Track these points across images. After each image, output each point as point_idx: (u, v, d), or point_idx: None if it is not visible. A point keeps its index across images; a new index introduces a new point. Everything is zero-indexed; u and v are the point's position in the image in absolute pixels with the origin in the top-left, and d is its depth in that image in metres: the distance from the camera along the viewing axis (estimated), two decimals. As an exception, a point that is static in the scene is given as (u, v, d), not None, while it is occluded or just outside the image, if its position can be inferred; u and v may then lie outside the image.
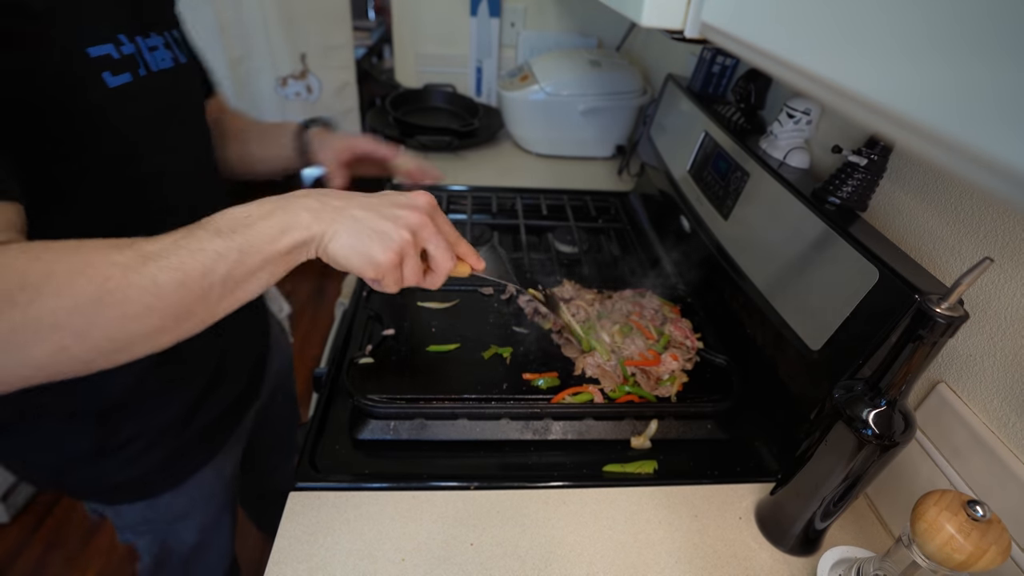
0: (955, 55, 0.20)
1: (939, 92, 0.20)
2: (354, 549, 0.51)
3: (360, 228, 0.42)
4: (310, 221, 0.41)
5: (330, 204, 0.42)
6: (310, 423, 0.64)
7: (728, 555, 0.54)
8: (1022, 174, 0.17)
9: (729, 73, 0.97)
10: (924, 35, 0.21)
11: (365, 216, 0.42)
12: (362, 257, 0.42)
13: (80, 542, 1.41)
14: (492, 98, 1.60)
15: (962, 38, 0.20)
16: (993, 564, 0.36)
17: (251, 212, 0.40)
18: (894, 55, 0.23)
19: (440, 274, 0.47)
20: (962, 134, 0.19)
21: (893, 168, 0.62)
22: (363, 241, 0.42)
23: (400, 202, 0.44)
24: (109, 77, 0.45)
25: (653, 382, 0.69)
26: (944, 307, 0.39)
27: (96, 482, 0.61)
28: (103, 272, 0.34)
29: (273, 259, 0.40)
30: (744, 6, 0.36)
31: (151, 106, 0.51)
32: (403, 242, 0.43)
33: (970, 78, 0.19)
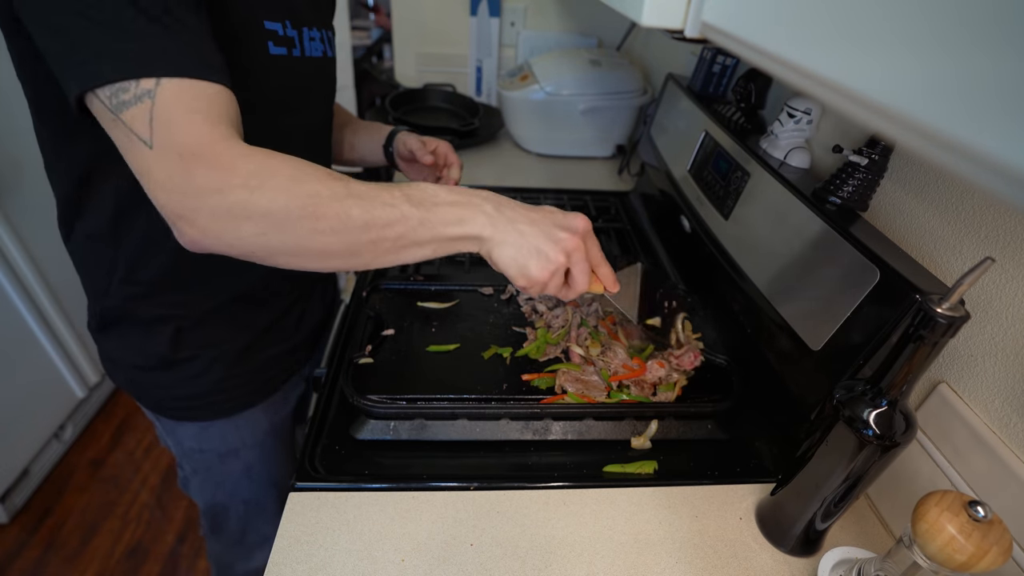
0: (954, 50, 0.20)
1: (939, 88, 0.20)
2: (354, 549, 0.51)
3: (524, 244, 0.48)
4: (484, 223, 0.47)
5: (504, 214, 0.48)
6: (310, 423, 0.64)
7: (728, 555, 0.54)
8: (1019, 171, 0.17)
9: (729, 73, 0.97)
10: (923, 30, 0.21)
11: (531, 232, 0.48)
12: (520, 270, 0.48)
13: (79, 542, 1.41)
14: (492, 98, 1.60)
15: (960, 32, 0.19)
16: (995, 565, 0.36)
17: (440, 193, 0.47)
18: (893, 52, 0.23)
19: (575, 291, 0.52)
20: (961, 132, 0.19)
21: (894, 168, 0.62)
22: (524, 256, 0.47)
23: (561, 223, 0.50)
24: (272, 46, 0.54)
25: (649, 389, 0.68)
26: (945, 307, 0.39)
27: (162, 391, 0.68)
28: (315, 188, 0.42)
29: (441, 240, 0.46)
30: (744, 5, 0.36)
31: (299, 79, 0.60)
32: (558, 264, 0.48)
33: (969, 73, 0.19)
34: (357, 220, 0.43)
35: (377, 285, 0.84)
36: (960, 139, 0.19)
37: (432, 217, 0.45)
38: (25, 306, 1.40)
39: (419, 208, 0.45)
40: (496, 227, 0.47)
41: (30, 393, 1.43)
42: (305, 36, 0.60)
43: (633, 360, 0.71)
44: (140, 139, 0.41)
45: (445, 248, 0.47)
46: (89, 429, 1.69)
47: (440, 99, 1.49)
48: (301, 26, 0.59)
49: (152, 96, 0.40)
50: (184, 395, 0.69)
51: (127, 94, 0.40)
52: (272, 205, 0.41)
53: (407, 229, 0.45)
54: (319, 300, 0.82)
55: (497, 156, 1.39)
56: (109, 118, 0.41)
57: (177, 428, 0.73)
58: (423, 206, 0.45)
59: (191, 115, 0.41)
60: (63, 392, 1.57)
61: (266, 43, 0.54)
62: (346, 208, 0.43)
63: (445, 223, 0.46)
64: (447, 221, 0.46)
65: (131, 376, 0.68)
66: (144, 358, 0.66)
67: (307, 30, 0.60)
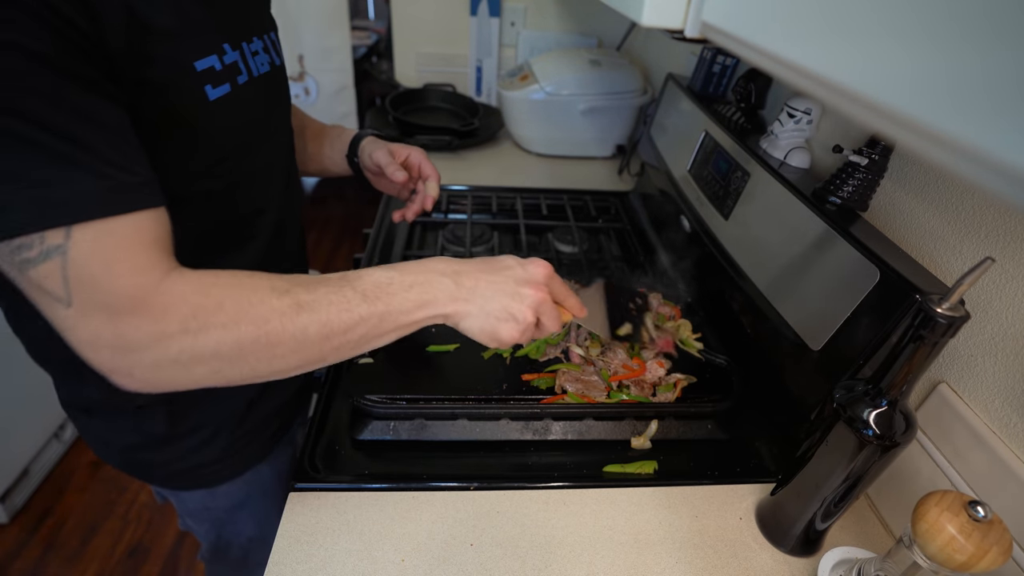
0: (947, 45, 0.20)
1: (937, 86, 0.20)
2: (354, 549, 0.51)
3: (489, 311, 0.47)
4: (446, 301, 0.46)
5: (464, 284, 0.47)
6: (310, 423, 0.64)
7: (728, 555, 0.54)
8: (1011, 166, 0.17)
9: (729, 73, 0.97)
10: (917, 27, 0.21)
11: (494, 298, 0.47)
12: (491, 337, 0.47)
13: (80, 542, 1.41)
14: (492, 98, 1.60)
15: (952, 28, 0.20)
16: (994, 565, 0.36)
17: (393, 279, 0.45)
18: (890, 49, 0.23)
19: (545, 333, 0.51)
20: (961, 130, 0.19)
21: (894, 168, 0.62)
22: (492, 323, 0.47)
23: (523, 279, 0.48)
24: (210, 90, 0.46)
25: (649, 389, 0.68)
26: (945, 307, 0.39)
27: (162, 467, 0.64)
28: (264, 315, 0.39)
29: (405, 326, 0.45)
30: (744, 5, 0.36)
31: (248, 113, 0.53)
32: (527, 323, 0.47)
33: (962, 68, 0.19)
34: (315, 335, 0.41)
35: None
36: (959, 137, 0.19)
37: (392, 308, 0.44)
38: (25, 306, 1.40)
39: (376, 303, 0.43)
40: (457, 301, 0.46)
41: (30, 393, 1.43)
42: (248, 53, 0.52)
43: (633, 360, 0.71)
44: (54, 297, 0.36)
45: (410, 330, 0.46)
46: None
47: (440, 99, 1.49)
48: (240, 42, 0.51)
49: (63, 251, 0.35)
50: (188, 467, 0.64)
51: (31, 251, 0.34)
52: (220, 345, 0.38)
53: (368, 328, 0.43)
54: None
55: (497, 156, 1.39)
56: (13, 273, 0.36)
57: (181, 494, 0.69)
58: (380, 300, 0.43)
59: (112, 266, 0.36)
60: (63, 392, 1.57)
61: (203, 89, 0.46)
62: (300, 326, 0.40)
63: (406, 311, 0.44)
64: (408, 308, 0.44)
65: (127, 457, 0.63)
66: (140, 436, 0.60)
67: (248, 45, 0.52)
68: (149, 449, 0.61)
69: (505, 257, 0.51)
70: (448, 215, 1.10)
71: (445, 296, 0.46)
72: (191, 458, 0.63)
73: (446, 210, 1.12)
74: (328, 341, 0.42)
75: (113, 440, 0.62)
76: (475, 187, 1.18)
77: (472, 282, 0.47)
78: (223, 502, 0.71)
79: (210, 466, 0.65)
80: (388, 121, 1.35)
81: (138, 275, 0.37)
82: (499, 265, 0.49)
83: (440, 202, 1.12)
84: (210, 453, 0.64)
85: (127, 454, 0.63)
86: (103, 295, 0.36)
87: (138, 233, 0.38)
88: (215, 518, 0.74)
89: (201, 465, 0.64)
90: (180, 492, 0.69)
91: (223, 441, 0.64)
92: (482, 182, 1.21)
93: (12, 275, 0.36)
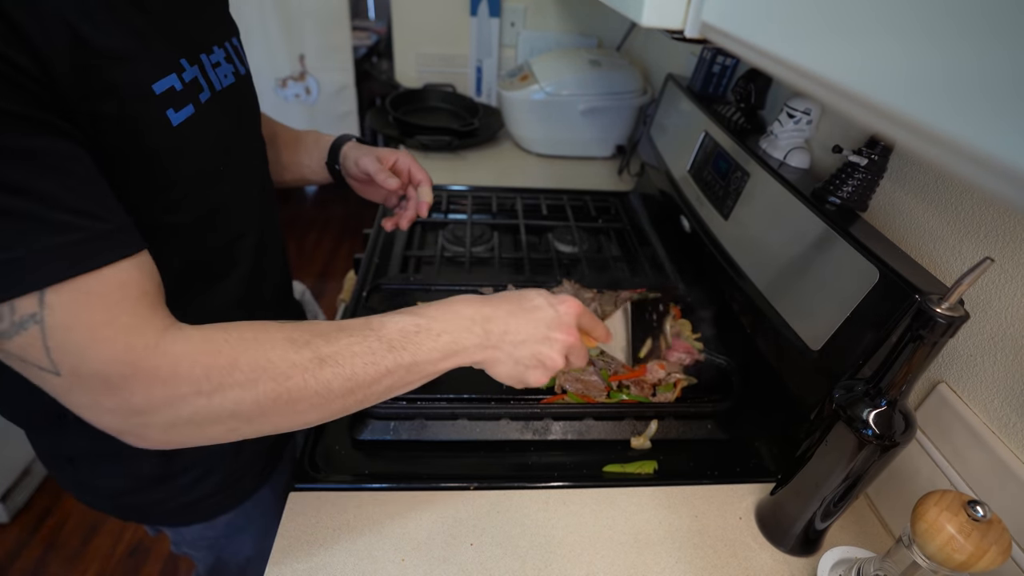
0: (960, 52, 0.20)
1: (936, 86, 0.20)
2: (354, 549, 0.51)
3: (519, 359, 0.45)
4: (475, 350, 0.44)
5: (493, 332, 0.44)
6: (310, 423, 0.64)
7: (728, 555, 0.54)
8: (1010, 167, 0.17)
9: (729, 73, 0.97)
10: (915, 26, 0.21)
11: (524, 343, 0.45)
12: (517, 381, 0.46)
13: (80, 542, 1.41)
14: (492, 98, 1.60)
15: (967, 35, 0.20)
16: (994, 564, 0.36)
17: (420, 326, 0.42)
18: (890, 50, 0.23)
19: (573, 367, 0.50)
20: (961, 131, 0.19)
21: (893, 168, 0.62)
22: (520, 370, 0.46)
23: (554, 323, 0.46)
24: (172, 114, 0.42)
25: (648, 389, 0.68)
26: (944, 307, 0.39)
27: (157, 507, 0.61)
28: (284, 371, 0.37)
29: (432, 375, 0.43)
30: (743, 5, 0.36)
31: (214, 133, 0.48)
32: (556, 368, 0.46)
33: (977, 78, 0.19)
34: (339, 390, 0.39)
35: (377, 285, 0.84)
36: (958, 137, 0.19)
37: (419, 358, 0.41)
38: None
39: (403, 353, 0.41)
40: (486, 350, 0.44)
41: (30, 393, 1.44)
42: (208, 66, 0.47)
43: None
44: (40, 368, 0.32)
45: (435, 376, 0.44)
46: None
47: (440, 99, 1.49)
48: (199, 54, 0.46)
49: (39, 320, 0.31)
50: (184, 504, 0.61)
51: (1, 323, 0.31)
52: (239, 405, 0.36)
53: (395, 380, 0.41)
54: None
55: (497, 156, 1.39)
56: None
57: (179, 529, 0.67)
58: (407, 350, 0.41)
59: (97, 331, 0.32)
60: (63, 392, 1.57)
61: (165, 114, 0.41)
62: (324, 381, 0.38)
63: (434, 360, 0.42)
64: (436, 358, 0.42)
65: (118, 502, 0.60)
66: (131, 481, 0.57)
67: (207, 57, 0.48)
68: (141, 492, 0.59)
69: (534, 295, 0.48)
70: (448, 215, 1.11)
71: (474, 345, 0.44)
72: (186, 496, 0.60)
73: (446, 210, 1.12)
74: (352, 395, 0.40)
75: (101, 487, 0.59)
76: (475, 187, 1.18)
77: (502, 328, 0.45)
78: (223, 530, 0.68)
79: (207, 500, 0.63)
80: (388, 121, 1.35)
81: (130, 337, 0.33)
82: (529, 305, 0.47)
83: (440, 202, 1.12)
84: (205, 489, 0.61)
85: (118, 499, 0.59)
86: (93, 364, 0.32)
87: (120, 289, 0.34)
88: (213, 544, 0.71)
89: (198, 500, 0.62)
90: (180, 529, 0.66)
91: (217, 477, 0.61)
92: (482, 182, 1.21)
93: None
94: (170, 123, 0.42)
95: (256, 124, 0.60)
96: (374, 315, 0.44)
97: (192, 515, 0.64)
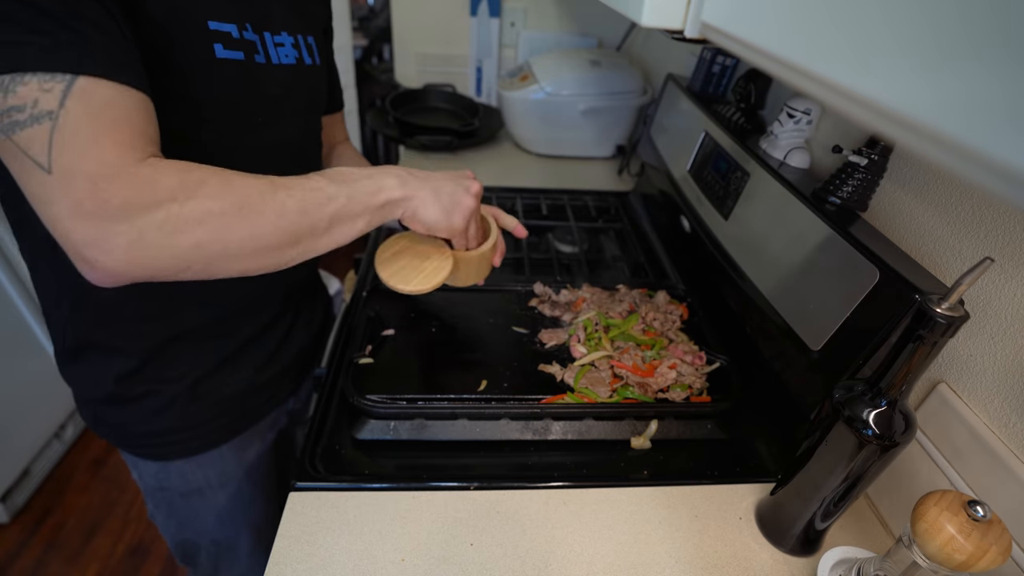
0: (960, 52, 0.20)
1: (937, 89, 0.20)
2: (354, 549, 0.51)
3: (440, 198, 0.55)
4: (397, 185, 0.53)
5: (415, 175, 0.55)
6: (310, 423, 0.64)
7: (728, 555, 0.54)
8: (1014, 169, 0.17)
9: (729, 73, 0.97)
10: (928, 35, 0.21)
11: (442, 186, 0.56)
12: (444, 222, 0.56)
13: (80, 542, 1.41)
14: (492, 98, 1.60)
15: (967, 35, 0.20)
16: (994, 564, 0.36)
17: (352, 171, 0.51)
18: (891, 53, 0.23)
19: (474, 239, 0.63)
20: (960, 132, 0.19)
21: (893, 168, 0.62)
22: (444, 207, 0.55)
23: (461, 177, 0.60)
24: (220, 49, 0.50)
25: (652, 393, 0.68)
26: (944, 307, 0.39)
27: (120, 427, 0.66)
28: (245, 189, 0.43)
29: (370, 209, 0.51)
30: (744, 6, 0.36)
31: (264, 87, 0.56)
32: (472, 208, 0.58)
33: (965, 75, 0.19)
34: (292, 209, 0.45)
35: (377, 285, 0.84)
36: (959, 139, 0.19)
37: (356, 191, 0.49)
38: (26, 306, 1.40)
39: (343, 186, 0.49)
40: (408, 187, 0.53)
41: (30, 393, 1.44)
42: (270, 42, 0.55)
43: (647, 365, 0.71)
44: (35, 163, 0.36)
45: (377, 218, 0.51)
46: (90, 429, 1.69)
47: (440, 99, 1.49)
48: (263, 30, 0.54)
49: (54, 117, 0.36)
50: (141, 432, 0.66)
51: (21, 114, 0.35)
52: (207, 214, 0.40)
53: (339, 207, 0.48)
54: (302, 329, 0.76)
55: (497, 156, 1.39)
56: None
57: (138, 463, 0.70)
58: (346, 184, 0.49)
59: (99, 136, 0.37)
60: (63, 392, 1.56)
61: (211, 45, 0.49)
62: (280, 200, 0.44)
63: (369, 193, 0.50)
64: (369, 191, 0.50)
65: (93, 411, 0.66)
66: (102, 392, 0.63)
67: (272, 36, 0.56)
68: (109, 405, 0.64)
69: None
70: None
71: (396, 182, 0.52)
72: (146, 424, 0.65)
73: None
74: (305, 216, 0.45)
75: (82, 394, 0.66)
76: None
77: (423, 175, 0.55)
78: (177, 483, 0.71)
79: (162, 436, 0.66)
80: (388, 121, 1.35)
81: (123, 149, 0.38)
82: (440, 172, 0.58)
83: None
84: (164, 422, 0.65)
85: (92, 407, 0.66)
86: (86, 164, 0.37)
87: (128, 114, 0.39)
88: (170, 502, 0.74)
89: (153, 433, 0.66)
90: (139, 463, 0.70)
91: (176, 411, 0.65)
92: (482, 182, 1.20)
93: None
94: (214, 53, 0.49)
95: (310, 110, 0.66)
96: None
97: (149, 447, 0.68)
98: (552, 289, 0.85)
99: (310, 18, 0.63)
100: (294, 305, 0.74)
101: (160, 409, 0.64)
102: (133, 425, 0.65)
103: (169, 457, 0.68)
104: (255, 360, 0.69)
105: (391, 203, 0.52)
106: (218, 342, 0.65)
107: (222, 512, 0.75)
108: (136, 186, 0.38)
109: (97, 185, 0.37)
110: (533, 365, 0.72)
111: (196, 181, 0.41)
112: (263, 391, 0.72)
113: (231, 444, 0.71)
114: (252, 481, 0.77)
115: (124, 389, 0.62)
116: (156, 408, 0.64)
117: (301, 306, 0.76)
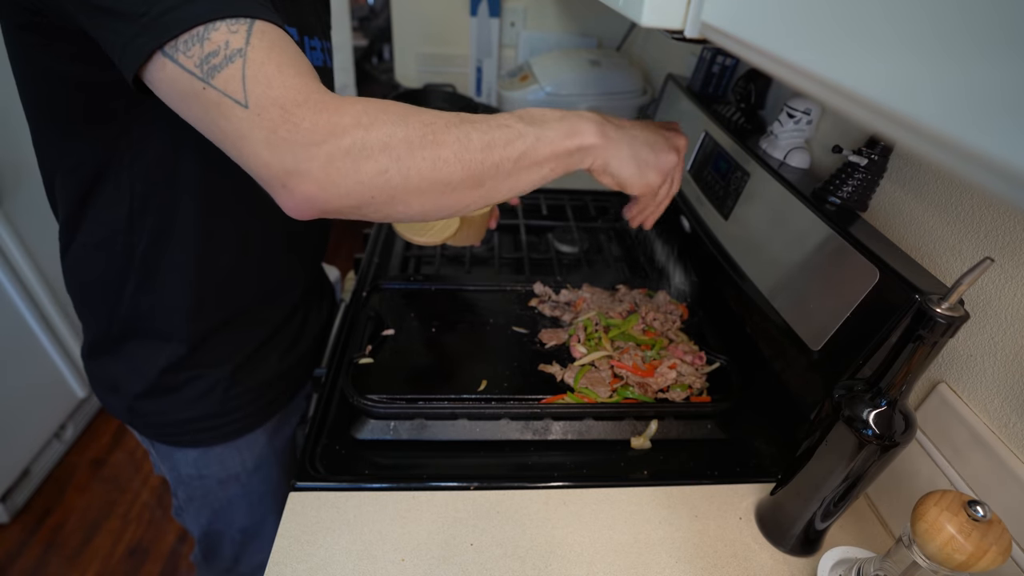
0: (961, 52, 0.20)
1: (938, 89, 0.20)
2: (354, 549, 0.51)
3: (638, 150, 0.51)
4: (594, 131, 0.48)
5: (611, 121, 0.50)
6: (310, 423, 0.64)
7: (728, 555, 0.54)
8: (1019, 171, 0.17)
9: (729, 73, 0.97)
10: (929, 31, 0.21)
11: (643, 137, 0.51)
12: (638, 178, 0.51)
13: (80, 542, 1.41)
14: (492, 98, 1.60)
15: (969, 35, 0.20)
16: (994, 564, 0.36)
17: (546, 113, 0.47)
18: (892, 52, 0.23)
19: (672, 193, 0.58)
20: (960, 131, 0.19)
21: (893, 168, 0.62)
22: (642, 164, 0.51)
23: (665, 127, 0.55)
24: None
25: (652, 393, 0.68)
26: (944, 307, 0.39)
27: (161, 416, 0.67)
28: (428, 118, 0.42)
29: (559, 155, 0.47)
30: (744, 6, 0.36)
31: None
32: (672, 167, 0.53)
33: (970, 75, 0.19)
34: (477, 142, 0.42)
35: (377, 285, 0.84)
36: (958, 139, 0.19)
37: (547, 133, 0.45)
38: (26, 306, 1.40)
39: (533, 126, 0.45)
40: (604, 136, 0.48)
41: (30, 393, 1.44)
42: (306, 46, 0.59)
43: (647, 366, 0.71)
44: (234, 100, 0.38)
45: (563, 166, 0.47)
46: (90, 429, 1.69)
47: (440, 99, 1.49)
48: (303, 35, 0.58)
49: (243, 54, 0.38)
50: (184, 419, 0.67)
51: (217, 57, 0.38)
52: (391, 139, 0.40)
53: (527, 146, 0.45)
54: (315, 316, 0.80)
55: (497, 156, 1.39)
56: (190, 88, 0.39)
57: (174, 454, 0.71)
58: (536, 124, 0.46)
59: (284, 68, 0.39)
60: (63, 392, 1.57)
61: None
62: (464, 132, 0.42)
63: (561, 136, 0.46)
64: (561, 135, 0.46)
65: (130, 404, 0.66)
66: (143, 385, 0.64)
67: (308, 39, 0.60)
68: (150, 396, 0.65)
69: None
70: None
71: (593, 129, 0.48)
72: (187, 409, 0.66)
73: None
74: (489, 152, 0.43)
75: (121, 386, 0.66)
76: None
77: (618, 123, 0.51)
78: (216, 469, 0.72)
79: (205, 420, 0.68)
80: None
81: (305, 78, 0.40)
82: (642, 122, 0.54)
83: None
84: (207, 406, 0.67)
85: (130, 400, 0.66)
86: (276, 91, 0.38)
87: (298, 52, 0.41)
88: (206, 492, 0.75)
89: (196, 419, 0.67)
90: (173, 451, 0.71)
91: (219, 395, 0.67)
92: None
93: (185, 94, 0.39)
94: None
95: None
96: None
97: (188, 433, 0.69)
98: (552, 289, 0.85)
99: (325, 22, 0.67)
100: (316, 292, 0.80)
101: (201, 395, 0.66)
102: (173, 413, 0.67)
103: (209, 443, 0.70)
104: (282, 345, 0.72)
105: (583, 150, 0.48)
106: (255, 328, 0.68)
107: (253, 497, 0.77)
108: (322, 110, 0.39)
109: (287, 110, 0.38)
110: (533, 365, 0.72)
111: (379, 107, 0.41)
112: (288, 375, 0.75)
113: (264, 428, 0.74)
114: (281, 464, 0.80)
115: (168, 379, 0.64)
116: (197, 395, 0.66)
117: (313, 295, 0.80)
